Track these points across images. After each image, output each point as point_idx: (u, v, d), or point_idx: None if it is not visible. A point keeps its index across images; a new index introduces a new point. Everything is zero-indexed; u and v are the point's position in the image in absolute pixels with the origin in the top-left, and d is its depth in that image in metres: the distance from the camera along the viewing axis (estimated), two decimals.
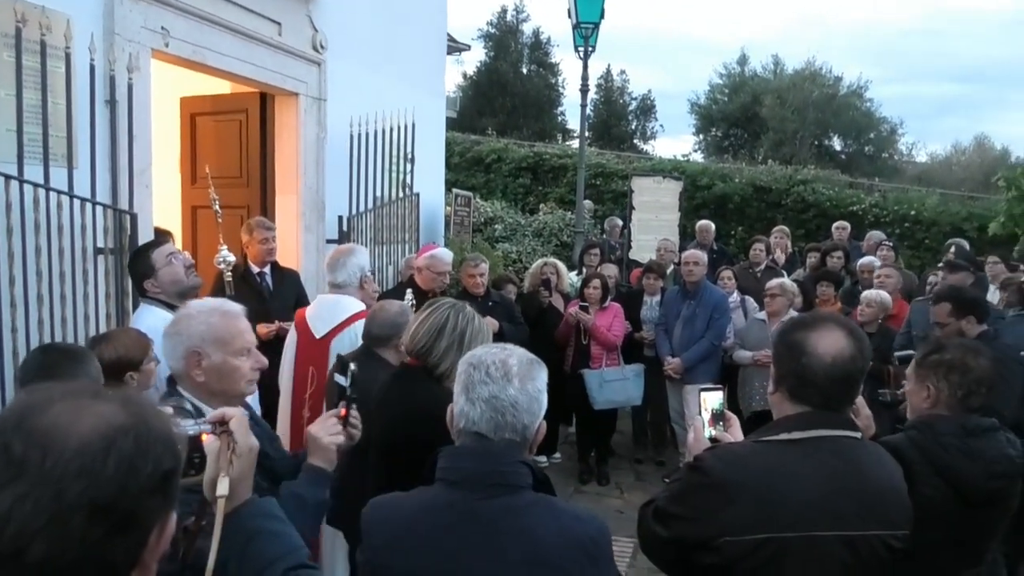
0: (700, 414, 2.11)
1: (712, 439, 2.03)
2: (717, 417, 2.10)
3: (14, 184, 3.60)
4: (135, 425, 0.94)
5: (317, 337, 3.90)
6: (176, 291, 3.36)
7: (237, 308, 2.28)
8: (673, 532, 1.78)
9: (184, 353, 2.12)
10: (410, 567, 1.63)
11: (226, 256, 4.02)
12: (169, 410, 1.45)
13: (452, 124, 10.94)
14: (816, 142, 29.80)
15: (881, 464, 1.88)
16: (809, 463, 1.76)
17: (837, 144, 31.49)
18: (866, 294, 5.85)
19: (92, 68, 4.04)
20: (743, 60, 33.85)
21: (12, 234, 3.58)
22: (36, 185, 3.71)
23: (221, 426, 1.36)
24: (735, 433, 2.07)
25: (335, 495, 3.47)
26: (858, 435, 1.86)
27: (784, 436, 1.79)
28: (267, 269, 5.14)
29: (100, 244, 4.13)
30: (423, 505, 1.69)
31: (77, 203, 3.95)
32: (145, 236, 4.38)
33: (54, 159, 3.86)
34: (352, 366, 2.12)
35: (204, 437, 1.34)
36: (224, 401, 2.11)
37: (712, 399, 2.12)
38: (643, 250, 9.66)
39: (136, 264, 3.53)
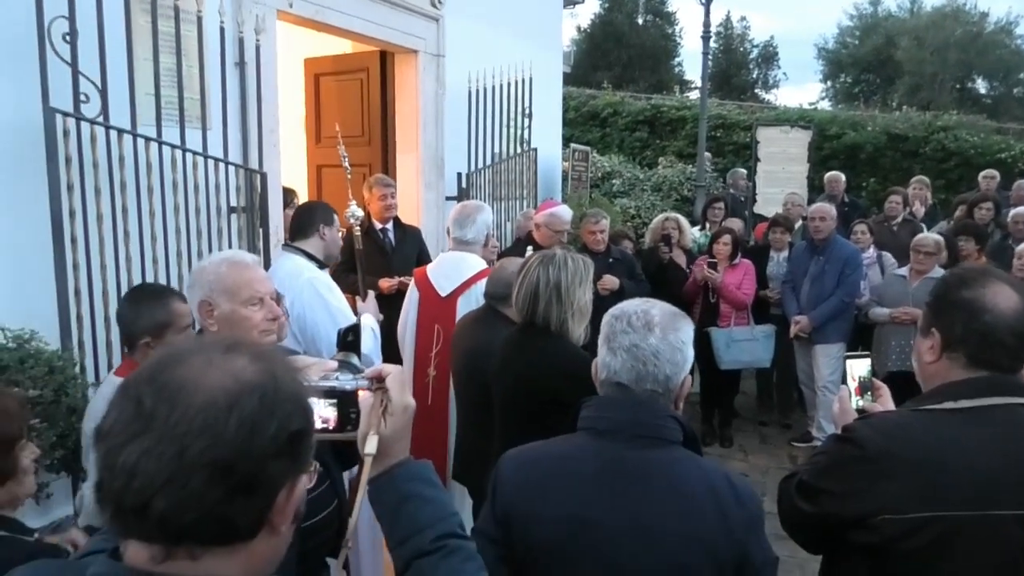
0: (846, 383, 1.96)
1: (860, 410, 1.88)
2: (865, 387, 1.94)
3: (153, 145, 3.75)
4: (263, 383, 0.90)
5: (443, 295, 3.87)
6: (331, 252, 3.61)
7: (249, 258, 2.29)
8: (821, 508, 1.66)
9: (198, 304, 2.18)
10: (552, 514, 1.60)
11: (355, 211, 4.10)
12: (334, 364, 1.43)
13: (566, 79, 10.75)
14: (958, 85, 27.65)
15: None
16: (981, 434, 1.58)
17: (982, 87, 29.11)
18: (1022, 248, 5.39)
19: (222, 31, 4.14)
20: (876, 0, 31.75)
21: (152, 193, 3.74)
22: (173, 146, 3.86)
23: (378, 382, 1.33)
24: (886, 404, 1.89)
25: (458, 451, 3.54)
26: None
27: (950, 405, 1.61)
28: (390, 225, 5.24)
29: (233, 203, 4.28)
30: (566, 453, 1.67)
31: (211, 163, 4.10)
32: (274, 195, 4.51)
33: (189, 121, 3.99)
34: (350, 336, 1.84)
35: (360, 393, 1.32)
36: None
37: (859, 367, 1.96)
38: (769, 203, 9.28)
39: (320, 209, 3.64)
